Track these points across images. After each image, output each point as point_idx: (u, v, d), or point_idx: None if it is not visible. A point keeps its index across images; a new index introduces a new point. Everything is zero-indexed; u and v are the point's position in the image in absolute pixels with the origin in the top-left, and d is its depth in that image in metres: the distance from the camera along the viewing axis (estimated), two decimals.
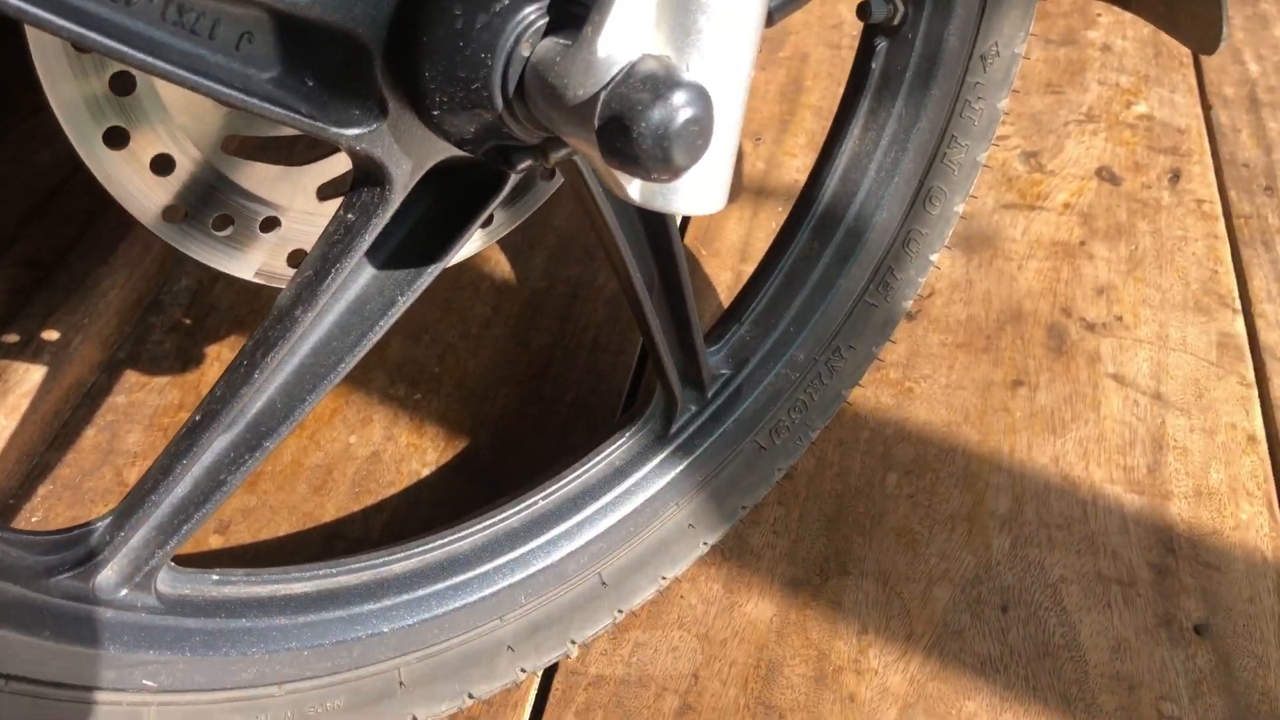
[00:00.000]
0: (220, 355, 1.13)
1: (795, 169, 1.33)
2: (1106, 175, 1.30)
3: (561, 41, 0.53)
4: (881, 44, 0.86)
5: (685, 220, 1.28)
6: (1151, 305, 1.14)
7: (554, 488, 0.83)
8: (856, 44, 0.87)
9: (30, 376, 1.06)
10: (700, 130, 0.49)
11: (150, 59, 0.50)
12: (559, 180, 0.85)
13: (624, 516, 0.85)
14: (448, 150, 0.60)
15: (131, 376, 1.11)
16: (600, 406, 1.08)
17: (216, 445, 0.64)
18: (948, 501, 0.98)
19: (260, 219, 0.70)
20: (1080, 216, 1.25)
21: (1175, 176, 1.30)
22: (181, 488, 0.63)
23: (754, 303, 0.90)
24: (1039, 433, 1.03)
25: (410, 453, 1.04)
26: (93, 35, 0.48)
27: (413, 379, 1.10)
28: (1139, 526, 0.96)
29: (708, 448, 0.88)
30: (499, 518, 0.82)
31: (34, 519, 1.00)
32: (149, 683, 0.65)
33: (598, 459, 0.85)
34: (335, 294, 0.64)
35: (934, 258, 0.93)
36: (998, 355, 1.10)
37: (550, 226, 1.27)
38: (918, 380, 1.08)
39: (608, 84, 0.49)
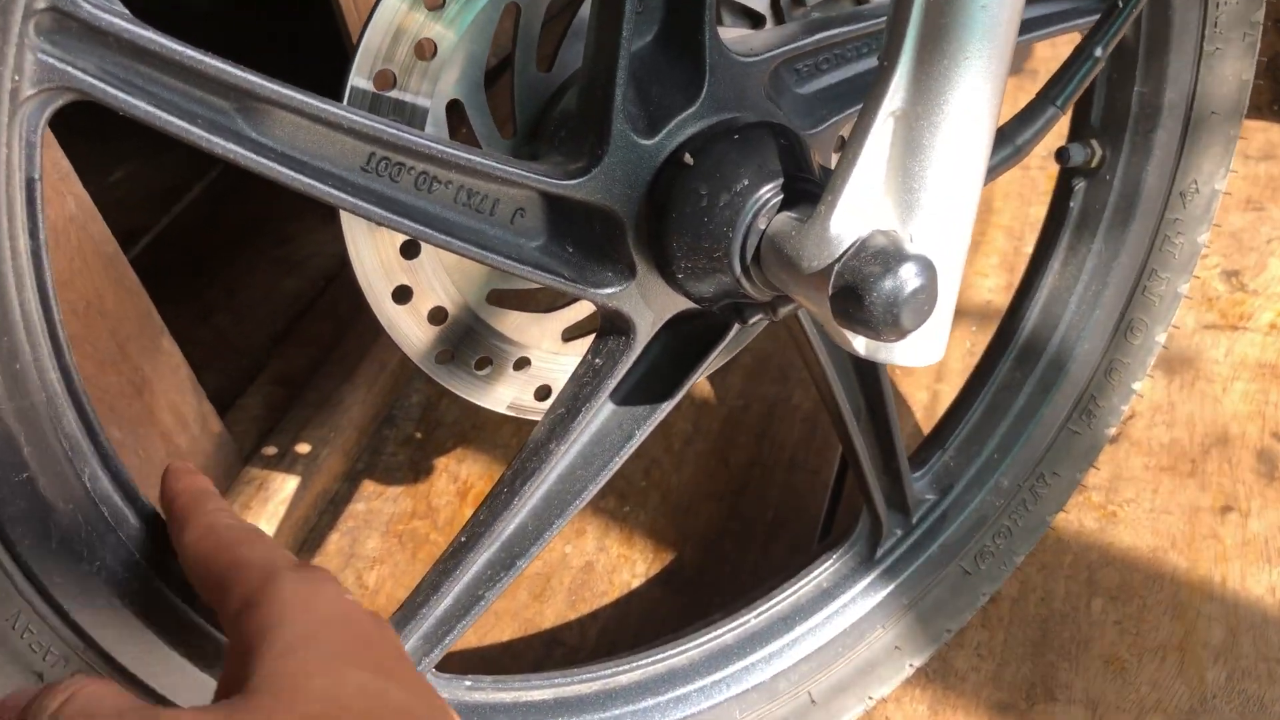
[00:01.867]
0: (448, 466, 1.23)
1: (987, 289, 1.36)
2: None
3: (795, 217, 0.59)
4: (1080, 185, 0.90)
5: None
6: None
7: (765, 606, 0.88)
8: (1044, 163, 0.91)
9: (285, 486, 1.18)
10: (926, 298, 0.55)
11: (446, 238, 0.60)
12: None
13: (833, 637, 0.88)
14: (685, 304, 0.67)
15: (369, 486, 1.23)
16: (799, 524, 1.12)
17: (477, 564, 0.72)
18: (1157, 630, 0.97)
19: (513, 360, 0.79)
20: None
21: None
22: (447, 602, 0.70)
23: (957, 429, 0.93)
24: (1252, 561, 1.01)
25: (621, 563, 1.10)
26: (400, 220, 0.58)
27: (622, 492, 1.17)
28: None
29: (913, 571, 0.91)
30: (715, 634, 0.87)
31: None
32: None
33: (806, 579, 0.89)
34: (582, 428, 0.72)
35: (1137, 386, 0.94)
36: (1204, 479, 1.09)
37: (746, 348, 1.33)
38: (1121, 504, 1.08)
39: (840, 257, 0.55)
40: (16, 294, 0.47)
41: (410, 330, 0.73)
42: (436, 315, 0.73)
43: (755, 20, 0.78)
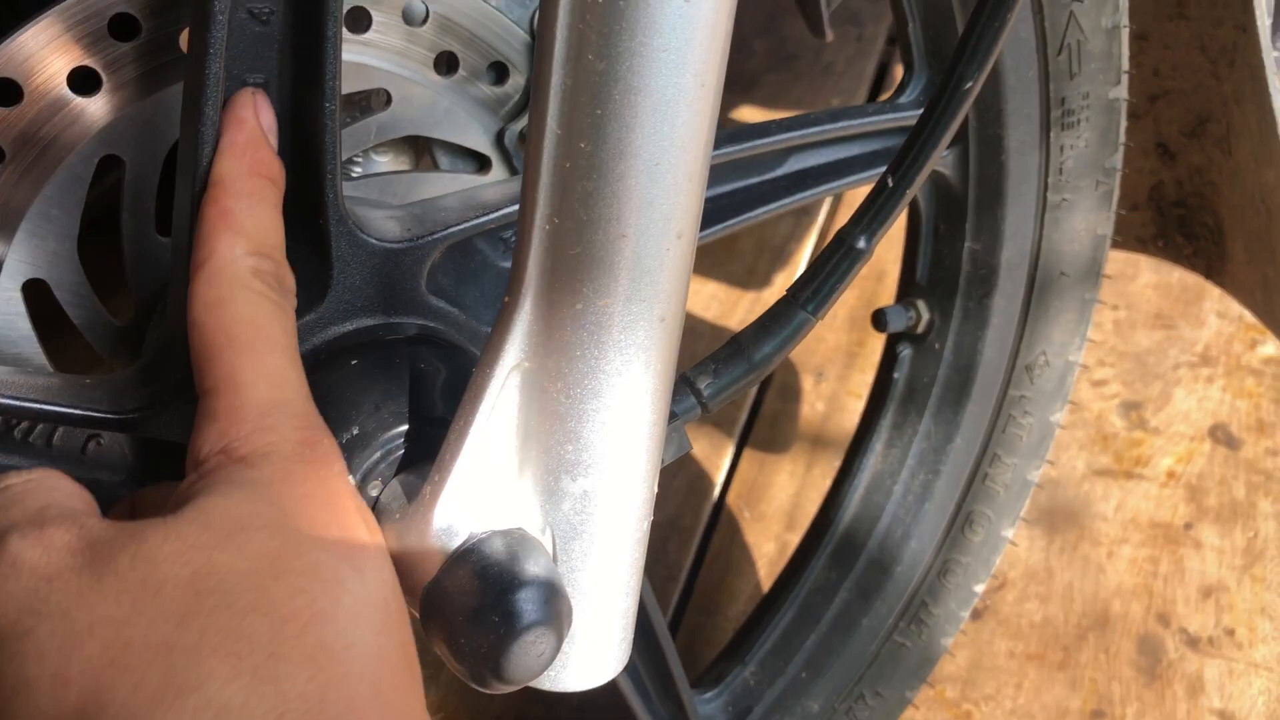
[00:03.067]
0: None
1: (859, 413, 1.20)
2: (1222, 436, 1.12)
3: (413, 482, 0.43)
4: (905, 352, 0.74)
5: (732, 469, 1.16)
6: (1272, 616, 0.96)
7: None
8: None
9: None
10: (546, 634, 0.39)
11: None
12: None
13: None
14: None
15: None
16: None
17: None
18: None
19: None
20: (1187, 490, 1.07)
21: None
22: None
23: (760, 640, 0.77)
24: None
25: None
26: None
27: None
28: None
29: None
30: None
31: None
32: None
33: None
34: None
35: (979, 588, 0.79)
36: (1076, 674, 0.93)
37: None
38: (978, 702, 0.92)
39: (436, 574, 0.39)
40: None
41: None
42: None
43: (480, 163, 0.62)
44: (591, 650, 0.43)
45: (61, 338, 0.55)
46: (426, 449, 0.45)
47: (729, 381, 0.50)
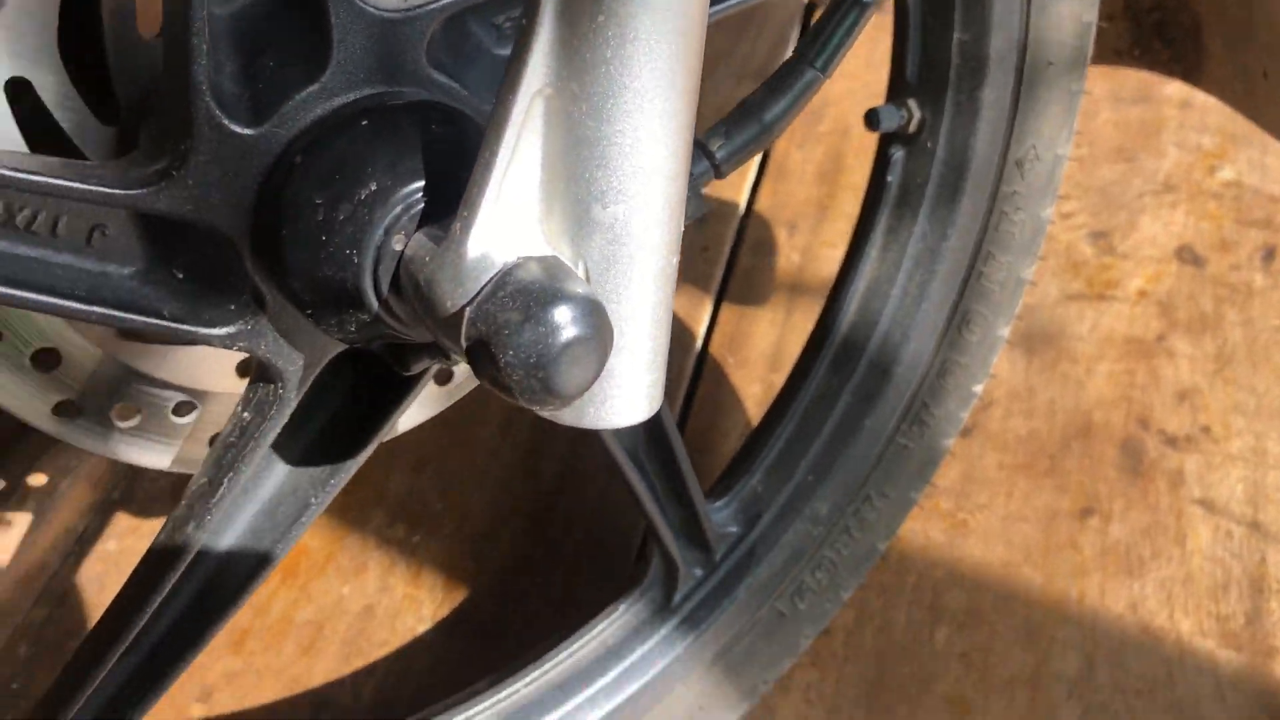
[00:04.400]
0: None
1: (835, 260, 1.21)
2: (1188, 256, 1.15)
3: (436, 235, 0.43)
4: (898, 154, 0.75)
5: (711, 323, 1.17)
6: (1244, 412, 1.00)
7: (537, 673, 0.73)
8: None
9: (13, 528, 1.00)
10: (590, 349, 0.39)
11: None
12: None
13: (620, 703, 0.74)
14: (340, 345, 0.51)
15: (124, 520, 1.05)
16: (613, 545, 0.98)
17: (117, 677, 0.56)
18: (1006, 661, 0.85)
19: (172, 405, 0.62)
20: (1158, 306, 1.10)
21: (1270, 254, 1.15)
22: None
23: (766, 449, 0.79)
24: (1113, 574, 0.89)
25: (406, 606, 0.95)
26: None
27: (413, 517, 1.01)
28: (1236, 691, 0.81)
29: (719, 617, 0.77)
30: (480, 708, 0.72)
31: (14, 686, 0.94)
32: None
33: (588, 637, 0.75)
34: (241, 499, 0.56)
35: (977, 389, 0.81)
36: (1063, 479, 0.96)
37: None
38: (972, 511, 0.95)
39: (475, 296, 0.40)
40: None
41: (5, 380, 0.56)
42: (44, 359, 0.56)
43: None
44: (629, 384, 0.43)
45: (47, 148, 0.54)
46: (445, 207, 0.45)
47: (741, 144, 0.50)
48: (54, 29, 0.50)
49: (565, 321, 0.38)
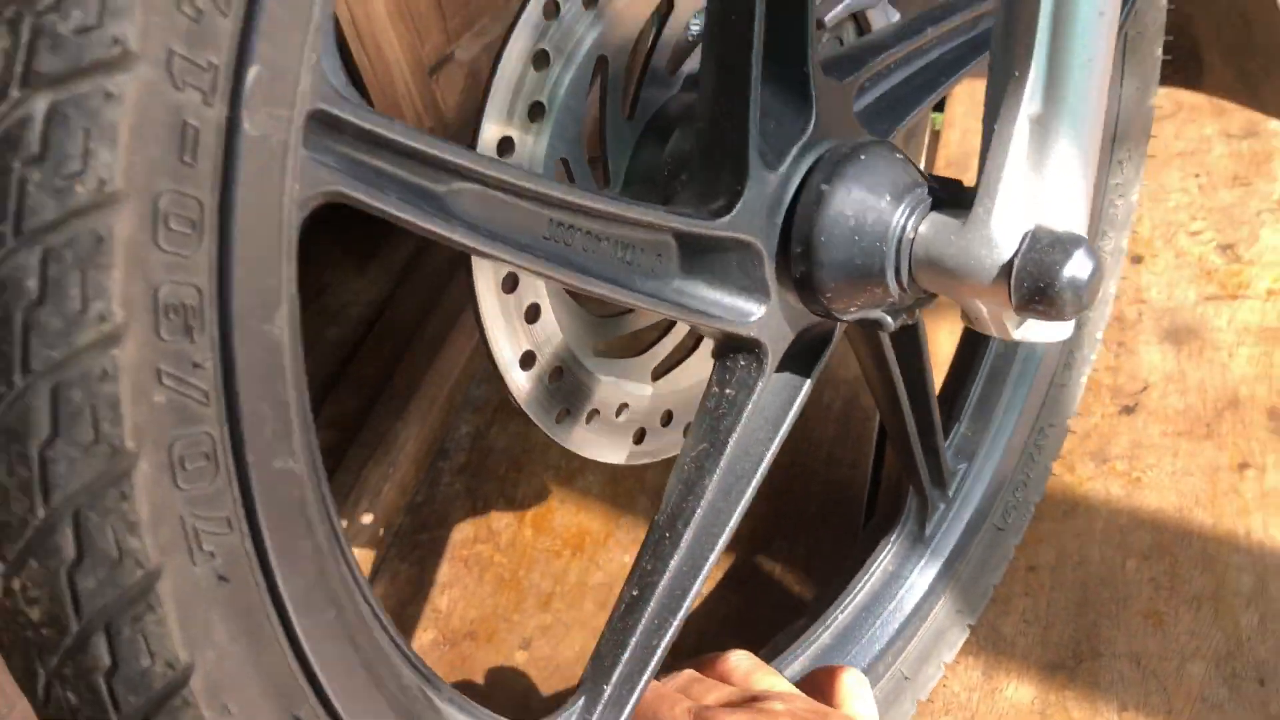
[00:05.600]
0: (503, 491, 1.30)
1: None
2: None
3: (947, 219, 0.65)
4: None
5: None
6: None
7: (848, 601, 0.94)
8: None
9: (350, 524, 1.25)
10: (1100, 275, 0.61)
11: (622, 290, 0.61)
12: None
13: (909, 614, 0.95)
14: (813, 319, 0.72)
15: (430, 516, 1.29)
16: (843, 517, 1.18)
17: (647, 615, 0.68)
18: (1190, 583, 1.04)
19: (615, 408, 0.80)
20: None
21: None
22: (625, 662, 0.67)
23: (965, 402, 1.01)
24: (1273, 513, 1.08)
25: None
26: (586, 279, 0.59)
27: None
28: None
29: (958, 539, 0.98)
30: (812, 637, 0.92)
31: None
32: None
33: (874, 567, 0.96)
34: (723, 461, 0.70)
35: (1099, 335, 1.07)
36: (1220, 440, 1.15)
37: None
38: (1144, 470, 1.15)
39: (1015, 253, 0.61)
40: None
41: (534, 393, 0.75)
42: (554, 375, 0.75)
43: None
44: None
45: None
46: (932, 203, 0.66)
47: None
48: (580, 124, 0.68)
49: (1087, 256, 0.60)
